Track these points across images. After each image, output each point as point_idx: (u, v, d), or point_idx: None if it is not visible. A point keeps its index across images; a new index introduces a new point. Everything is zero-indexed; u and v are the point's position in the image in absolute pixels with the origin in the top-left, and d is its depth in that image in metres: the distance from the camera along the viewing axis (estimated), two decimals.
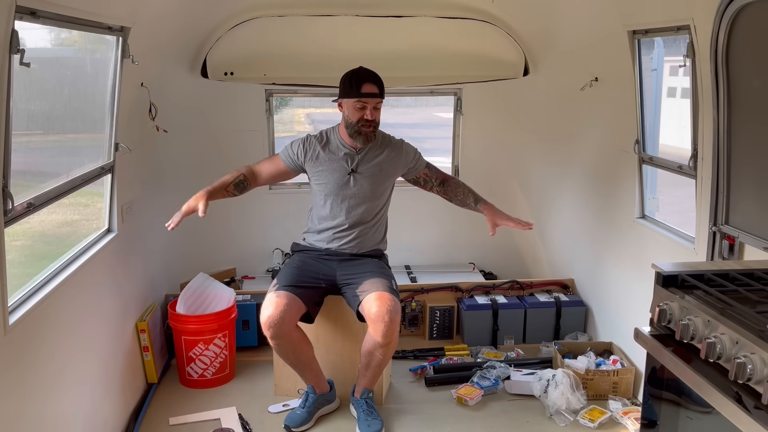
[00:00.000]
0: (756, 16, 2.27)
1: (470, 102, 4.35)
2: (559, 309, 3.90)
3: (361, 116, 2.98)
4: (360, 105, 2.97)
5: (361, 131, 3.01)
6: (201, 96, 4.00)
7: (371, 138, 3.06)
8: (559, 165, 4.23)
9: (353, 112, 2.99)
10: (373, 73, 3.01)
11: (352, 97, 2.98)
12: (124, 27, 2.79)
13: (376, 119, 3.02)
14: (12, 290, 2.01)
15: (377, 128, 3.08)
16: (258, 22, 3.80)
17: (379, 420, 2.99)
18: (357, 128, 3.01)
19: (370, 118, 2.99)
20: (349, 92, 2.99)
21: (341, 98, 3.04)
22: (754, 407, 1.51)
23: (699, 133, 2.66)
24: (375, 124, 3.04)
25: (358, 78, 2.98)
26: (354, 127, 3.01)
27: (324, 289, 3.09)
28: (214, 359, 3.37)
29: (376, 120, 3.03)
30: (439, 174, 3.28)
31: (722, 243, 2.59)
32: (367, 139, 3.05)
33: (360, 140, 3.05)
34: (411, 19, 3.86)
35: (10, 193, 1.90)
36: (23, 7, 1.89)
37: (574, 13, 3.59)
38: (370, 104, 2.98)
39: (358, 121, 2.99)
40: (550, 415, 3.09)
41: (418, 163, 3.25)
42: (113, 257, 2.97)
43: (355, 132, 3.02)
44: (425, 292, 4.01)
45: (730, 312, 1.73)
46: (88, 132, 2.88)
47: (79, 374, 2.49)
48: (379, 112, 3.05)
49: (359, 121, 2.99)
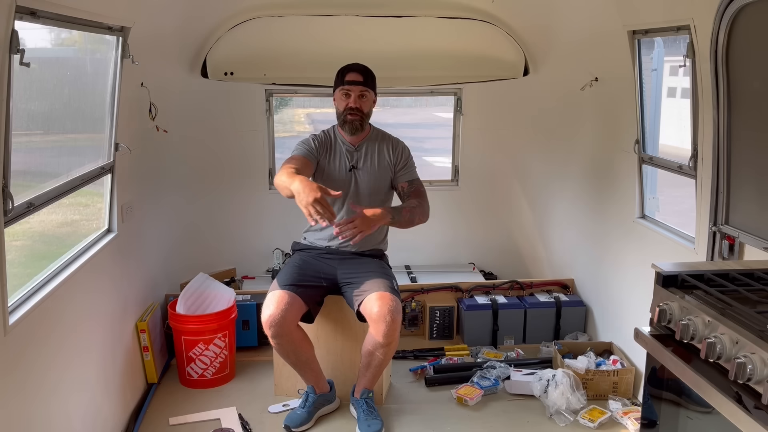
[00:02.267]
0: (756, 16, 2.27)
1: (470, 102, 4.35)
2: (559, 309, 3.90)
3: (347, 104, 3.04)
4: (344, 92, 3.04)
5: (347, 120, 3.05)
6: (201, 96, 4.00)
7: (357, 127, 3.08)
8: (559, 165, 4.23)
9: (340, 101, 3.08)
10: (361, 65, 3.08)
11: (337, 87, 3.07)
12: (124, 27, 2.79)
13: (360, 107, 3.05)
14: (12, 290, 2.01)
15: (365, 118, 3.09)
16: (258, 22, 3.80)
17: (379, 420, 2.99)
18: (344, 117, 3.06)
19: (353, 105, 3.03)
20: (336, 83, 3.09)
21: (333, 92, 3.11)
22: (754, 407, 1.51)
23: (699, 133, 2.66)
24: (361, 112, 3.05)
25: (344, 69, 3.08)
26: (341, 117, 3.08)
27: (325, 288, 3.09)
28: (214, 359, 3.37)
29: (361, 108, 3.05)
30: (413, 194, 3.11)
31: (722, 243, 2.59)
32: (353, 127, 3.07)
33: (347, 129, 3.08)
34: (411, 19, 3.86)
35: (10, 193, 1.90)
36: (23, 7, 1.89)
37: (574, 13, 3.59)
38: (354, 92, 3.03)
39: (344, 110, 3.05)
40: (550, 415, 3.09)
41: (403, 172, 3.14)
42: (113, 257, 2.97)
43: (343, 121, 3.08)
44: (425, 292, 4.01)
45: (730, 312, 1.73)
46: (88, 132, 2.88)
47: (79, 374, 2.49)
48: (367, 101, 3.07)
49: (345, 110, 3.05)
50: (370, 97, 3.10)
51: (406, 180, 3.17)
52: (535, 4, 3.77)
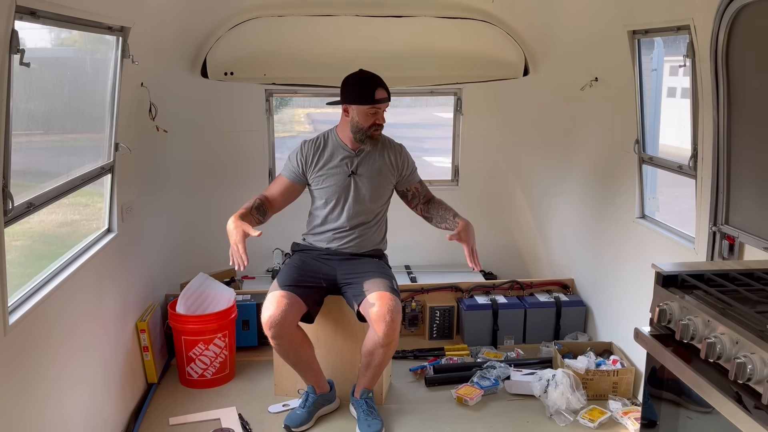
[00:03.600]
0: (756, 16, 2.27)
1: (470, 102, 4.35)
2: (559, 309, 3.90)
3: (374, 122, 3.02)
4: (373, 111, 3.00)
5: (372, 135, 3.04)
6: (201, 96, 4.00)
7: (378, 140, 3.09)
8: (559, 165, 4.23)
9: (365, 118, 3.00)
10: (380, 78, 3.04)
11: (365, 104, 2.98)
12: (124, 27, 2.79)
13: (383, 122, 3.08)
14: (12, 290, 2.01)
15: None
16: (258, 22, 3.80)
17: (379, 420, 2.99)
18: (368, 133, 3.03)
19: (381, 122, 3.04)
20: (361, 99, 2.98)
21: (350, 104, 3.02)
22: (754, 407, 1.51)
23: (699, 133, 2.66)
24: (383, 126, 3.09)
25: (369, 84, 2.98)
26: (365, 132, 3.03)
27: (324, 288, 3.09)
28: (214, 359, 3.37)
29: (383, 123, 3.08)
30: (427, 193, 3.27)
31: (722, 243, 2.59)
32: (375, 141, 3.08)
33: (369, 143, 3.07)
34: (411, 19, 3.86)
35: (10, 193, 1.90)
36: (23, 7, 1.89)
37: (574, 13, 3.59)
38: (381, 109, 3.03)
39: (371, 127, 3.02)
40: (550, 415, 3.09)
41: (413, 174, 3.24)
42: (113, 257, 2.97)
43: (366, 137, 3.04)
44: (425, 292, 4.01)
45: (730, 312, 1.73)
46: (88, 132, 2.88)
47: (79, 374, 2.49)
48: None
49: (371, 127, 3.02)
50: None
51: (417, 181, 3.24)
52: (535, 4, 3.77)
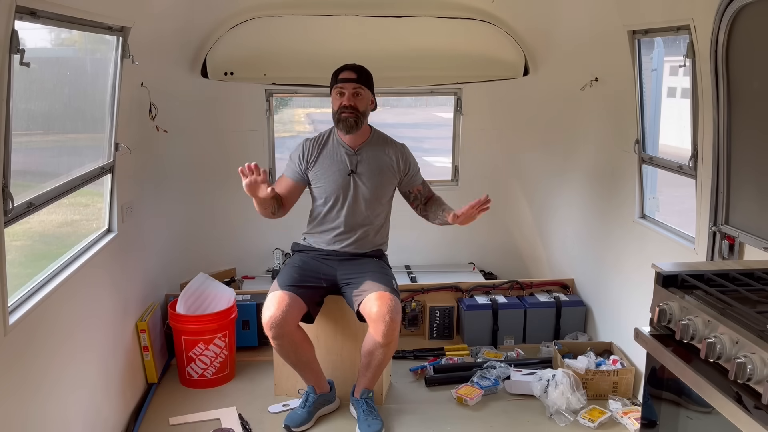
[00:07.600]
0: (756, 16, 2.27)
1: (470, 102, 4.34)
2: (559, 309, 3.90)
3: (340, 103, 3.01)
4: (338, 91, 3.02)
5: (341, 118, 3.02)
6: (201, 96, 4.00)
7: (352, 125, 3.01)
8: (559, 165, 4.23)
9: (335, 101, 3.05)
10: (356, 64, 3.06)
11: (332, 87, 3.05)
12: (124, 27, 2.79)
13: (355, 105, 3.00)
14: (12, 290, 2.01)
15: (360, 117, 3.03)
16: (258, 22, 3.80)
17: (379, 420, 2.99)
18: (338, 116, 3.03)
19: (347, 103, 2.99)
20: (330, 84, 3.08)
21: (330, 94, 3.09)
22: (754, 407, 1.51)
23: (699, 133, 2.66)
24: (356, 110, 3.01)
25: (338, 69, 3.07)
26: (336, 116, 3.04)
27: (324, 288, 3.09)
28: (214, 359, 3.37)
29: (355, 105, 3.00)
30: (429, 193, 3.26)
31: (722, 243, 2.59)
32: (347, 125, 3.01)
33: (342, 127, 3.04)
34: (411, 19, 3.86)
35: (10, 193, 1.90)
36: (23, 7, 1.89)
37: (574, 13, 3.59)
38: (347, 89, 3.00)
39: (339, 108, 3.02)
40: (550, 415, 3.09)
41: (416, 176, 3.23)
42: (113, 257, 2.98)
43: (337, 120, 3.04)
44: (425, 292, 4.01)
45: (730, 312, 1.73)
46: (88, 132, 2.88)
47: (79, 374, 2.49)
48: (362, 99, 3.03)
49: (339, 108, 3.02)
50: (366, 96, 3.04)
51: (419, 183, 3.23)
52: (535, 4, 3.77)
